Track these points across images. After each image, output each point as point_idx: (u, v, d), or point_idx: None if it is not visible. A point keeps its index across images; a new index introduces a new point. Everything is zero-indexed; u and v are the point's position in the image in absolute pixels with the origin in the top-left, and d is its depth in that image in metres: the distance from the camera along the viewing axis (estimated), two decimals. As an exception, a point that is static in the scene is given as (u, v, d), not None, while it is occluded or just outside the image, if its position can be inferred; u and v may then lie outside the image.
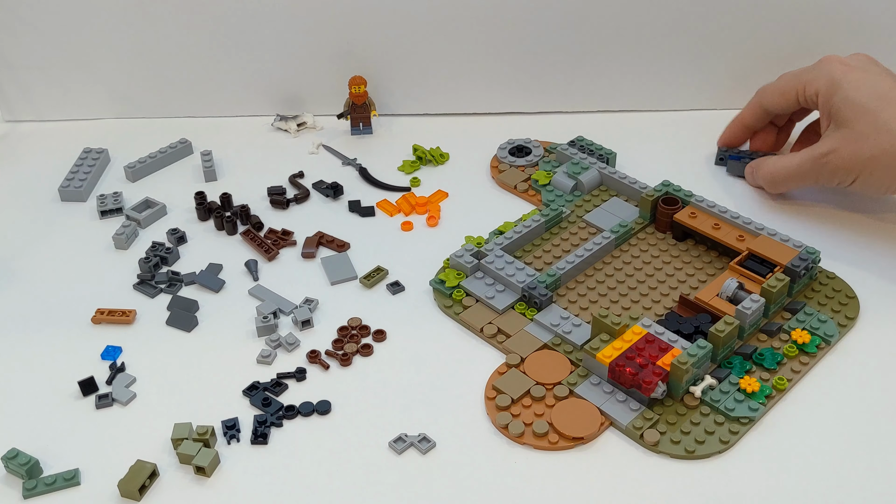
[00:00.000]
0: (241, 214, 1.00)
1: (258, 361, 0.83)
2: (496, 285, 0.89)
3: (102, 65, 1.15)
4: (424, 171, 1.08)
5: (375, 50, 1.13)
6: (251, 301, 0.90)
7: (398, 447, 0.75)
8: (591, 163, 1.03)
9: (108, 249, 0.97)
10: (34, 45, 1.13)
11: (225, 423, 0.77)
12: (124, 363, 0.83)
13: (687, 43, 1.12)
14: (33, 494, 0.72)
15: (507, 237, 0.93)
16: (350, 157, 1.10)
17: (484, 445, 0.75)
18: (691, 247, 0.94)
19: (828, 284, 0.89)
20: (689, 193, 0.96)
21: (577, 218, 0.98)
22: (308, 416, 0.78)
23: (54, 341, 0.86)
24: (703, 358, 0.78)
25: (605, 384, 0.79)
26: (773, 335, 0.83)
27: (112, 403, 0.79)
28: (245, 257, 0.95)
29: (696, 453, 0.74)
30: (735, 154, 1.05)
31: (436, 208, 1.02)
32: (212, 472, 0.73)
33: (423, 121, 1.17)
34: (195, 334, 0.87)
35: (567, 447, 0.75)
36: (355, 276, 0.93)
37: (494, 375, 0.81)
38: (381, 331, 0.86)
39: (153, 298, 0.90)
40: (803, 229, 0.95)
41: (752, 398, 0.77)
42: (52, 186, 1.06)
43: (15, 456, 0.73)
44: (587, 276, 0.91)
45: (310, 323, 0.87)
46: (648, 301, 0.88)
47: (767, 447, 0.75)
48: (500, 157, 1.08)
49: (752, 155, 1.05)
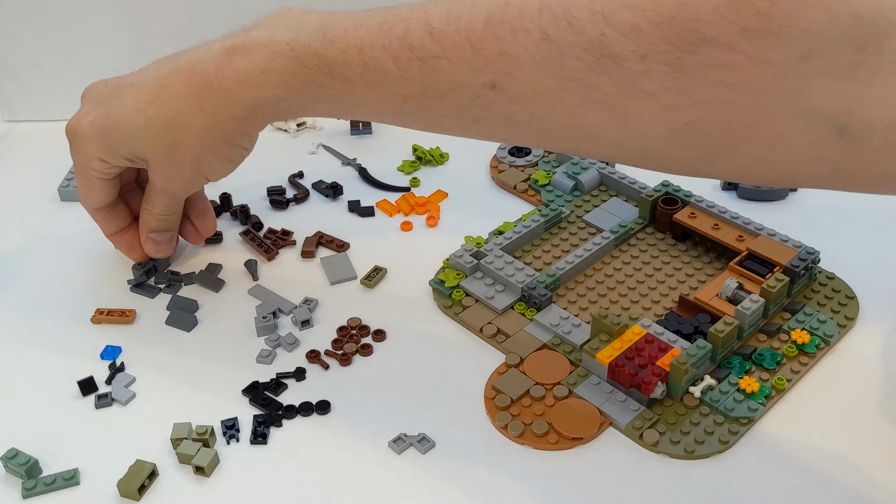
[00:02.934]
0: (241, 214, 1.00)
1: (258, 361, 0.83)
2: (496, 285, 0.89)
3: (102, 65, 1.15)
4: (424, 172, 1.08)
5: (375, 50, 1.13)
6: (251, 301, 0.90)
7: (398, 447, 0.75)
8: (591, 163, 1.03)
9: (107, 249, 0.97)
10: (34, 45, 1.13)
11: (224, 422, 0.77)
12: (124, 363, 0.83)
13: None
14: (33, 494, 0.72)
15: (507, 237, 0.93)
16: (350, 157, 1.10)
17: (483, 445, 0.75)
18: (691, 247, 0.94)
19: (827, 284, 0.89)
20: (688, 193, 0.96)
21: (576, 218, 0.98)
22: (308, 416, 0.78)
23: (53, 341, 0.86)
24: (703, 358, 0.78)
25: (605, 384, 0.79)
26: (772, 335, 0.83)
27: (111, 403, 0.79)
28: (244, 257, 0.95)
29: (696, 453, 0.74)
30: None
31: (435, 208, 1.02)
32: (211, 472, 0.73)
33: (423, 121, 1.16)
34: (195, 334, 0.87)
35: (566, 447, 0.75)
36: (355, 276, 0.93)
37: (494, 375, 0.81)
38: (381, 331, 0.86)
39: (152, 299, 0.90)
40: (803, 229, 0.95)
41: (752, 398, 0.77)
42: (52, 186, 1.06)
43: (14, 456, 0.73)
44: (587, 276, 0.91)
45: (309, 323, 0.87)
46: (648, 301, 0.88)
47: (767, 447, 0.75)
48: (499, 157, 1.08)
49: None
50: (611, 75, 0.60)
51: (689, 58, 0.57)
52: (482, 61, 0.64)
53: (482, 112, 0.68)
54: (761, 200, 1.01)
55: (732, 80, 0.57)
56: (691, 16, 0.56)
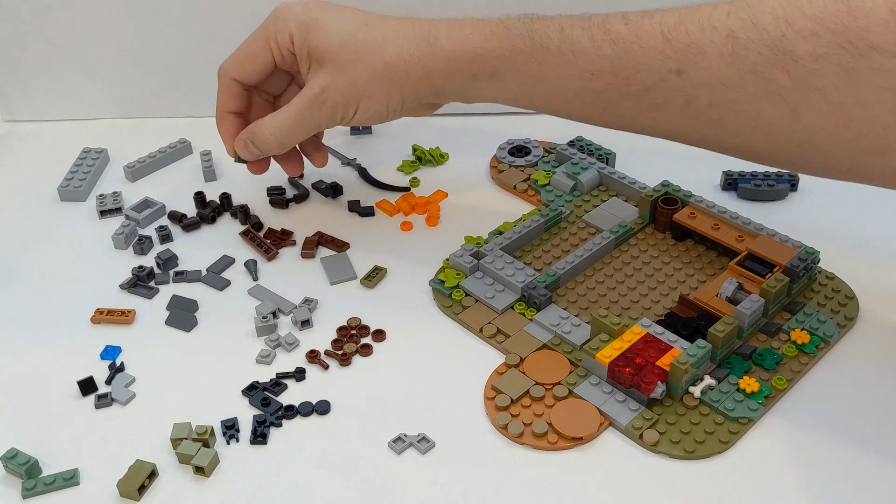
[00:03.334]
0: (241, 214, 1.00)
1: (257, 361, 0.83)
2: (495, 285, 0.89)
3: (102, 65, 1.15)
4: (424, 172, 1.08)
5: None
6: (250, 301, 0.90)
7: (397, 447, 0.75)
8: (591, 163, 1.03)
9: (107, 249, 0.97)
10: (34, 45, 1.13)
11: (224, 422, 0.77)
12: (123, 363, 0.83)
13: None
14: (32, 494, 0.72)
15: (507, 237, 0.93)
16: (349, 157, 1.10)
17: (483, 445, 0.75)
18: (691, 247, 0.94)
19: (827, 284, 0.89)
20: (688, 193, 0.96)
21: (576, 218, 0.98)
22: (307, 416, 0.78)
23: (53, 341, 0.86)
24: (703, 358, 0.78)
25: (605, 384, 0.79)
26: (772, 335, 0.83)
27: (111, 403, 0.79)
28: (244, 257, 0.95)
29: (696, 453, 0.74)
30: (745, 178, 1.02)
31: (435, 208, 1.02)
32: (211, 472, 0.73)
33: (423, 121, 1.16)
34: (194, 334, 0.87)
35: (566, 447, 0.75)
36: (355, 276, 0.93)
37: (494, 375, 0.81)
38: (381, 331, 0.86)
39: (151, 299, 0.90)
40: (803, 229, 0.95)
41: (752, 398, 0.77)
42: (52, 186, 1.06)
43: (14, 456, 0.73)
44: (586, 276, 0.91)
45: (309, 323, 0.87)
46: (648, 301, 0.88)
47: (767, 447, 0.75)
48: (499, 157, 1.08)
49: (758, 175, 1.02)
50: (788, 70, 0.68)
51: (858, 61, 0.65)
52: (671, 49, 0.73)
53: (663, 97, 0.75)
54: (761, 201, 1.01)
55: (893, 85, 0.65)
56: (863, 26, 0.64)
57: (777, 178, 1.02)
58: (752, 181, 1.02)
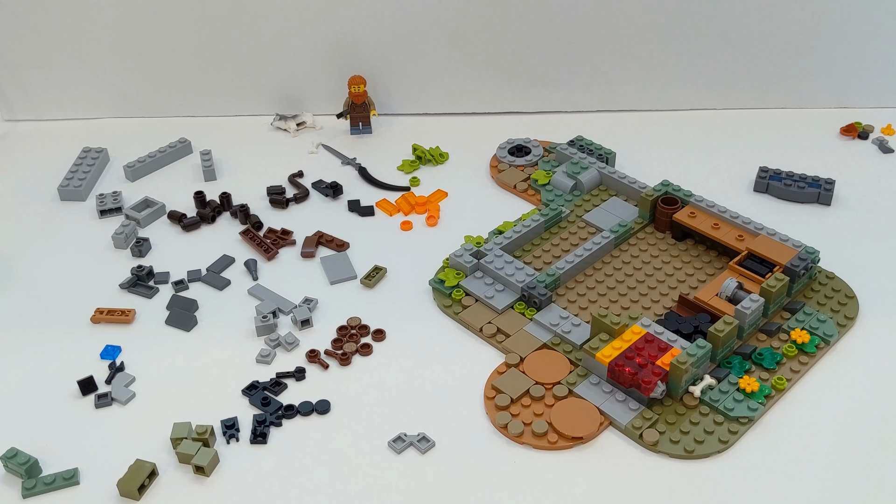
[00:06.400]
0: (241, 214, 1.00)
1: (257, 361, 0.83)
2: (495, 285, 0.89)
3: (102, 64, 1.15)
4: (424, 171, 1.08)
5: (375, 50, 1.13)
6: (250, 300, 0.90)
7: (397, 447, 0.75)
8: (591, 162, 1.03)
9: (107, 249, 0.97)
10: (34, 45, 1.13)
11: (224, 422, 0.77)
12: (123, 362, 0.83)
13: (687, 43, 1.12)
14: (32, 494, 0.72)
15: (507, 237, 0.93)
16: (349, 157, 1.10)
17: (483, 445, 0.75)
18: (691, 246, 0.94)
19: (827, 284, 0.89)
20: (688, 193, 0.96)
21: (576, 217, 0.98)
22: (307, 416, 0.78)
23: (53, 341, 0.86)
24: (703, 358, 0.78)
25: (605, 384, 0.79)
26: (772, 335, 0.83)
27: (111, 403, 0.79)
28: (244, 257, 0.95)
29: (696, 453, 0.74)
30: (777, 175, 1.01)
31: (435, 208, 1.02)
32: (211, 472, 0.73)
33: (423, 120, 1.17)
34: (194, 334, 0.87)
35: (566, 447, 0.75)
36: (355, 275, 0.93)
37: (494, 375, 0.81)
38: (381, 330, 0.86)
39: (151, 299, 0.90)
40: (803, 229, 0.95)
41: (752, 398, 0.77)
42: (52, 186, 1.06)
43: (14, 455, 0.73)
44: (586, 275, 0.91)
45: (309, 322, 0.87)
46: (648, 301, 0.88)
47: (767, 447, 0.75)
48: (499, 156, 1.08)
49: (793, 176, 1.01)
50: None
51: None
52: None
53: None
54: (796, 202, 1.00)
55: None
56: None
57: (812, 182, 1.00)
58: (780, 179, 1.01)
